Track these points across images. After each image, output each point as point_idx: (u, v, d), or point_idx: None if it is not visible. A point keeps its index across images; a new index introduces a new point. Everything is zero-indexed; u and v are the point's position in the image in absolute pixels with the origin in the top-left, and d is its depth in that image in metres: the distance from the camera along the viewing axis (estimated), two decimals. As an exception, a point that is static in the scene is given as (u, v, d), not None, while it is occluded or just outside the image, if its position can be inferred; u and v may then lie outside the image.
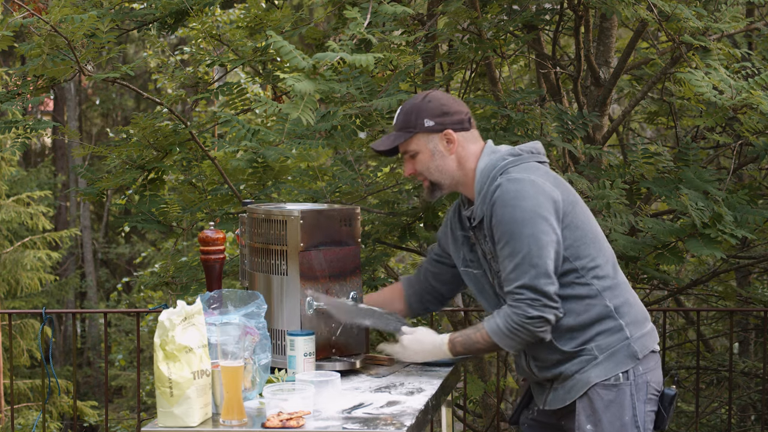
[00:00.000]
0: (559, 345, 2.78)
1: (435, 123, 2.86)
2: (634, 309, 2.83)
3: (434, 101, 2.88)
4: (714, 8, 4.64)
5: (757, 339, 7.78)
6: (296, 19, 5.38)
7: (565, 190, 2.82)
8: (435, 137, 2.87)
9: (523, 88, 6.00)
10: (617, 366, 2.77)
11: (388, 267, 6.77)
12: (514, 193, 2.73)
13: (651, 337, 2.85)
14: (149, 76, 14.68)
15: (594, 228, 2.83)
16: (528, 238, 2.69)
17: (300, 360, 2.91)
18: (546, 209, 2.71)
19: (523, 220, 2.70)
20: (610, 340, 2.77)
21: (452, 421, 3.51)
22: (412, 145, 2.90)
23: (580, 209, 2.82)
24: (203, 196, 5.39)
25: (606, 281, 2.79)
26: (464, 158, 2.88)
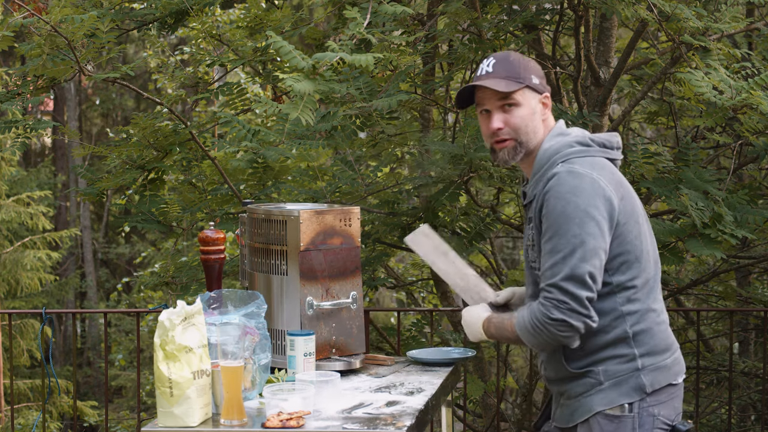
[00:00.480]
0: (565, 361, 2.64)
1: (539, 83, 2.70)
2: (654, 339, 2.62)
3: (534, 64, 2.72)
4: (714, 8, 4.64)
5: (757, 339, 7.78)
6: (296, 19, 5.38)
7: (627, 197, 2.62)
8: (537, 97, 2.70)
9: (523, 88, 5.99)
10: (621, 396, 2.59)
11: (388, 267, 6.77)
12: (570, 187, 2.55)
13: (668, 371, 2.63)
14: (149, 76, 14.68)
15: (643, 245, 2.63)
16: (573, 238, 2.52)
17: (300, 360, 2.91)
18: (600, 212, 2.54)
19: (573, 217, 2.53)
20: (619, 368, 2.60)
21: (452, 421, 3.51)
22: (518, 96, 2.68)
23: (634, 222, 2.62)
24: (203, 196, 5.39)
25: (635, 305, 2.60)
26: (546, 127, 2.72)
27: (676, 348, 2.69)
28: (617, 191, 2.59)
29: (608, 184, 2.58)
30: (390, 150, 5.74)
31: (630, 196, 2.64)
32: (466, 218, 5.31)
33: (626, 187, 2.65)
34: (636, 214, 2.63)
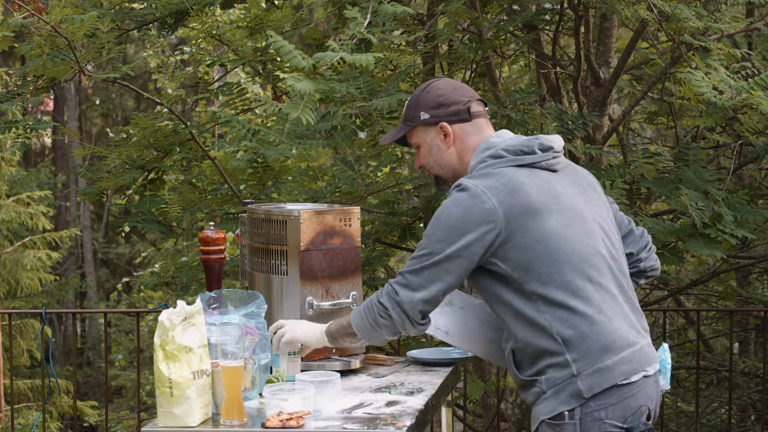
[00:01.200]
0: (516, 369, 2.65)
1: (430, 115, 2.73)
2: (588, 342, 2.52)
3: (432, 92, 2.74)
4: (714, 8, 4.64)
5: (757, 339, 7.78)
6: (296, 19, 5.38)
7: (523, 203, 2.55)
8: (432, 130, 2.74)
9: (523, 88, 6.00)
10: (560, 404, 2.54)
11: (388, 267, 6.77)
12: (451, 200, 2.59)
13: (610, 372, 2.52)
14: (149, 76, 14.68)
15: (557, 244, 2.54)
16: (436, 242, 2.56)
17: (284, 359, 2.91)
18: (473, 225, 2.53)
19: (443, 223, 2.57)
20: (556, 376, 2.55)
21: (452, 421, 3.51)
22: (414, 137, 2.79)
23: (539, 223, 2.54)
24: (203, 196, 5.39)
25: (557, 309, 2.53)
26: (463, 152, 2.74)
27: (623, 346, 2.55)
28: (506, 200, 2.54)
29: (494, 194, 2.54)
30: (390, 150, 5.74)
31: (536, 198, 2.56)
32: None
33: (531, 190, 2.57)
34: (545, 214, 2.55)
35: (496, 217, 2.54)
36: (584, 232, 2.61)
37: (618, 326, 2.56)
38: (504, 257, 2.56)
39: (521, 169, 2.62)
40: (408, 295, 2.60)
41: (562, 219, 2.58)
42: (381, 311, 2.63)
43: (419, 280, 2.59)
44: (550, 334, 2.54)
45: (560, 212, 2.59)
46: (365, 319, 2.68)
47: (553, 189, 2.62)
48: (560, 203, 2.60)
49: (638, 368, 2.56)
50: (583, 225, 2.61)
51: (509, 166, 2.62)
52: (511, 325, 2.61)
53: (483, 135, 2.73)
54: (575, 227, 2.59)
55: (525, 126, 4.75)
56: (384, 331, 2.66)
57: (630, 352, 2.56)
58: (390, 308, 2.62)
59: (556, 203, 2.60)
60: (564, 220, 2.58)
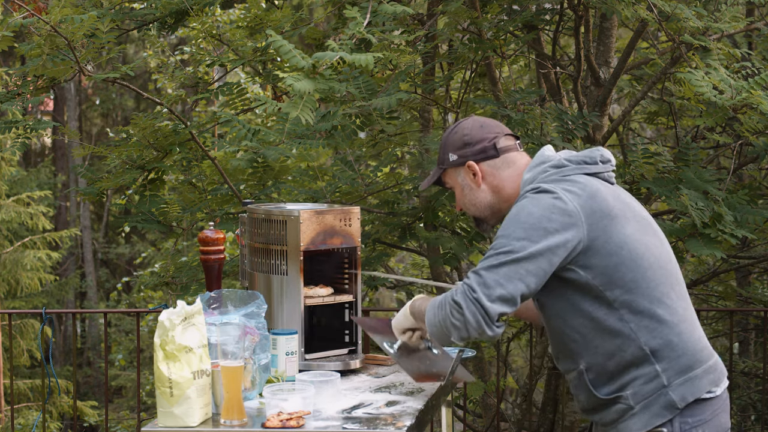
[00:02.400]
0: (593, 389, 2.53)
1: (458, 156, 2.70)
2: (677, 351, 2.48)
3: (458, 132, 2.71)
4: (714, 8, 4.64)
5: (757, 339, 7.78)
6: (296, 19, 5.38)
7: (603, 207, 2.49)
8: (461, 171, 2.71)
9: (523, 88, 6.00)
10: (654, 418, 2.45)
11: (388, 267, 6.77)
12: (528, 200, 2.50)
13: (701, 382, 2.48)
14: (149, 76, 14.68)
15: (639, 251, 2.49)
16: (515, 240, 2.44)
17: (282, 359, 2.91)
18: (555, 225, 2.44)
19: (523, 222, 2.46)
20: (646, 389, 2.46)
21: (452, 421, 3.50)
22: (447, 180, 2.76)
23: (620, 228, 2.49)
24: (203, 196, 5.39)
25: (643, 318, 2.46)
26: (499, 187, 2.67)
27: (708, 356, 2.54)
28: (587, 203, 2.49)
29: (574, 198, 2.48)
30: (390, 150, 5.74)
31: (609, 208, 2.51)
32: (466, 218, 5.31)
33: (606, 198, 2.53)
34: (622, 221, 2.51)
35: (578, 221, 2.46)
36: (658, 240, 2.57)
37: (700, 335, 2.56)
38: (585, 264, 2.47)
39: (589, 177, 2.58)
40: (485, 293, 2.42)
41: (639, 226, 2.54)
42: (454, 309, 2.44)
43: (497, 278, 2.42)
44: (637, 344, 2.46)
45: (635, 220, 2.54)
46: (437, 315, 2.51)
47: (622, 197, 2.59)
48: (633, 211, 2.56)
49: (721, 378, 2.54)
50: (655, 233, 2.58)
51: (577, 174, 2.57)
52: (590, 337, 2.50)
53: (517, 166, 2.68)
54: (650, 235, 2.55)
55: (525, 126, 4.75)
56: (453, 333, 2.47)
57: (714, 361, 2.55)
58: (464, 306, 2.42)
59: (630, 211, 2.55)
60: (640, 227, 2.54)
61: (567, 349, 2.57)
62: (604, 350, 2.49)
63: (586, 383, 2.54)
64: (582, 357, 2.53)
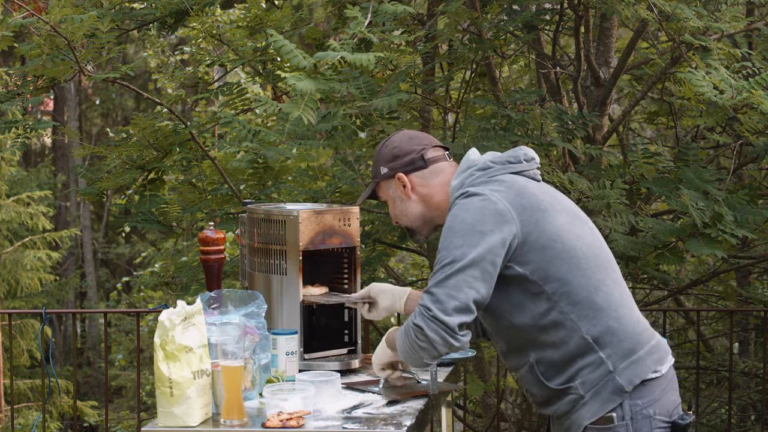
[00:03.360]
0: (545, 380, 2.56)
1: (388, 169, 2.76)
2: (618, 336, 2.52)
3: (389, 146, 2.78)
4: (714, 8, 4.64)
5: (757, 339, 7.78)
6: (296, 19, 5.38)
7: (532, 202, 2.55)
8: (392, 183, 2.77)
9: (523, 88, 6.01)
10: (604, 404, 2.49)
11: (388, 267, 6.77)
12: (459, 206, 2.56)
13: (645, 363, 2.53)
14: (149, 76, 14.68)
15: (572, 242, 2.54)
16: (455, 249, 2.48)
17: (282, 359, 2.91)
18: (489, 226, 2.49)
19: (458, 230, 2.51)
20: (593, 376, 2.51)
21: (452, 421, 3.50)
22: (381, 193, 2.82)
23: (551, 221, 2.54)
24: (203, 196, 5.39)
25: (582, 308, 2.51)
26: (428, 196, 2.74)
27: (649, 337, 2.57)
28: (516, 200, 2.53)
29: (502, 197, 2.53)
30: (390, 150, 5.72)
31: (538, 203, 2.55)
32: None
33: (534, 193, 2.57)
34: (554, 213, 2.55)
35: (510, 218, 2.51)
36: (589, 229, 2.63)
37: (639, 318, 2.59)
38: (522, 260, 2.51)
39: (515, 176, 2.63)
40: (440, 308, 2.46)
41: (568, 218, 2.59)
42: (417, 332, 2.49)
43: (447, 291, 2.47)
44: (579, 334, 2.51)
45: (564, 212, 2.59)
46: (405, 342, 2.56)
47: (550, 192, 2.65)
48: (561, 204, 2.62)
49: (665, 357, 2.58)
50: (585, 223, 2.63)
51: (503, 173, 2.63)
52: (534, 332, 2.54)
53: (445, 174, 2.74)
54: (579, 225, 2.60)
55: (525, 126, 4.75)
56: (423, 354, 2.52)
57: (656, 341, 2.58)
58: (425, 327, 2.47)
59: (559, 204, 2.61)
60: (570, 218, 2.59)
61: (516, 345, 2.61)
62: (550, 343, 2.53)
63: (537, 376, 2.58)
64: (531, 351, 2.57)
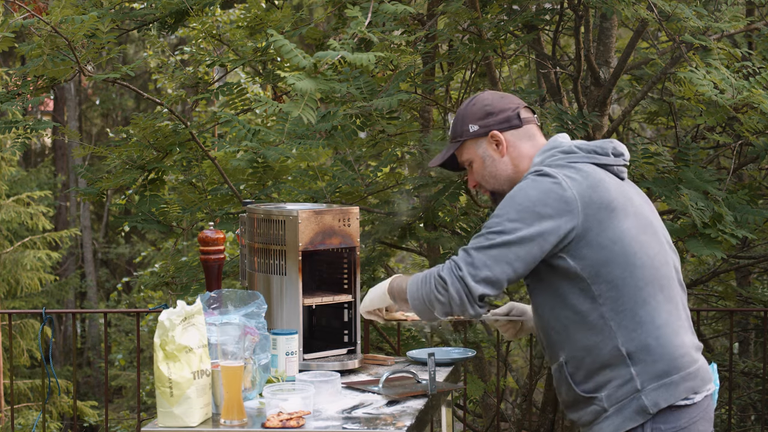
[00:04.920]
0: (572, 383, 2.50)
1: (479, 126, 2.61)
2: (653, 356, 2.41)
3: (478, 103, 2.64)
4: (714, 8, 4.64)
5: (757, 339, 7.78)
6: (296, 19, 5.38)
7: (604, 199, 2.44)
8: (483, 142, 2.62)
9: (523, 88, 6.01)
10: (625, 422, 2.41)
11: (388, 267, 6.78)
12: (527, 182, 2.46)
13: (677, 389, 2.41)
14: (149, 76, 14.68)
15: (633, 248, 2.43)
16: (508, 222, 2.41)
17: (282, 359, 2.91)
18: (549, 211, 2.40)
19: (519, 203, 2.42)
20: (620, 392, 2.42)
21: (452, 421, 3.50)
22: (464, 154, 2.67)
23: (617, 223, 2.43)
24: (203, 196, 5.39)
25: (624, 318, 2.42)
26: (518, 159, 2.61)
27: (689, 363, 2.45)
28: (587, 193, 2.44)
29: (574, 185, 2.44)
30: (390, 150, 5.74)
31: (610, 200, 2.45)
32: (466, 218, 5.31)
33: (609, 190, 2.47)
34: (621, 216, 2.45)
35: (575, 208, 2.42)
36: (656, 240, 2.52)
37: (683, 341, 2.47)
38: (576, 254, 2.43)
39: (597, 168, 2.53)
40: (471, 272, 2.40)
41: (638, 223, 2.48)
42: (439, 285, 2.43)
43: (484, 259, 2.40)
44: (614, 344, 2.42)
45: (635, 216, 2.49)
46: (421, 290, 2.49)
47: (627, 192, 2.53)
48: (635, 207, 2.51)
49: (701, 386, 2.47)
50: (654, 233, 2.53)
51: (585, 162, 2.52)
52: (572, 330, 2.47)
53: (536, 141, 2.63)
54: (648, 234, 2.50)
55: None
56: (437, 308, 2.46)
57: (695, 368, 2.47)
58: (449, 283, 2.41)
59: (632, 206, 2.50)
60: (639, 225, 2.48)
61: (550, 340, 2.55)
62: (583, 345, 2.46)
63: (566, 376, 2.51)
64: (563, 349, 2.51)
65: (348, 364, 3.09)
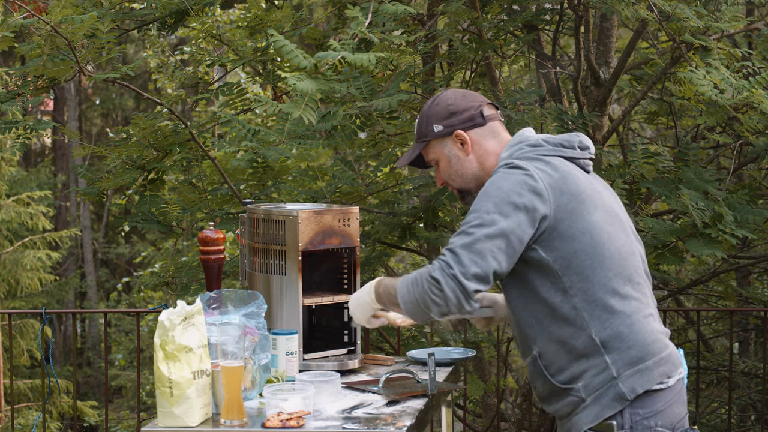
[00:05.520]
0: (548, 375, 2.51)
1: (444, 126, 2.65)
2: (626, 342, 2.45)
3: (441, 103, 2.67)
4: (714, 8, 4.64)
5: (757, 339, 7.78)
6: (296, 19, 5.38)
7: (573, 191, 2.49)
8: (448, 141, 2.66)
9: (523, 88, 6.01)
10: (604, 410, 2.43)
11: (388, 267, 6.77)
12: (499, 175, 2.49)
13: (651, 374, 2.46)
14: (149, 76, 14.68)
15: (602, 239, 2.47)
16: (486, 214, 2.43)
17: (282, 359, 2.91)
18: (524, 201, 2.43)
19: (493, 196, 2.45)
20: (596, 381, 2.45)
21: (452, 421, 3.51)
22: (430, 154, 2.70)
23: (586, 214, 2.47)
24: (203, 196, 5.39)
25: (596, 308, 2.45)
26: (483, 156, 2.65)
27: (660, 348, 2.50)
28: (557, 184, 2.48)
29: (545, 177, 2.47)
30: (390, 150, 5.74)
31: (580, 192, 2.50)
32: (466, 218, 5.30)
33: (579, 180, 2.52)
34: (591, 207, 2.50)
35: (546, 199, 2.45)
36: (623, 231, 2.56)
37: (654, 328, 2.52)
38: (548, 245, 2.46)
39: (565, 160, 2.57)
40: (462, 270, 2.40)
41: (605, 215, 2.52)
42: (433, 286, 2.42)
43: (470, 255, 2.41)
44: (588, 334, 2.45)
45: (603, 208, 2.53)
46: (412, 292, 2.48)
47: (594, 185, 2.58)
48: (602, 199, 2.55)
49: (674, 370, 2.51)
50: (621, 224, 2.57)
51: (552, 155, 2.56)
52: (545, 324, 2.49)
53: (500, 138, 2.67)
54: (615, 225, 2.54)
55: (525, 126, 4.74)
56: (433, 309, 2.45)
57: (667, 353, 2.51)
58: (443, 283, 2.41)
59: (599, 198, 2.54)
60: (607, 216, 2.53)
61: (524, 334, 2.56)
62: (557, 337, 2.48)
63: (541, 369, 2.53)
64: (536, 343, 2.52)
65: (348, 364, 3.09)
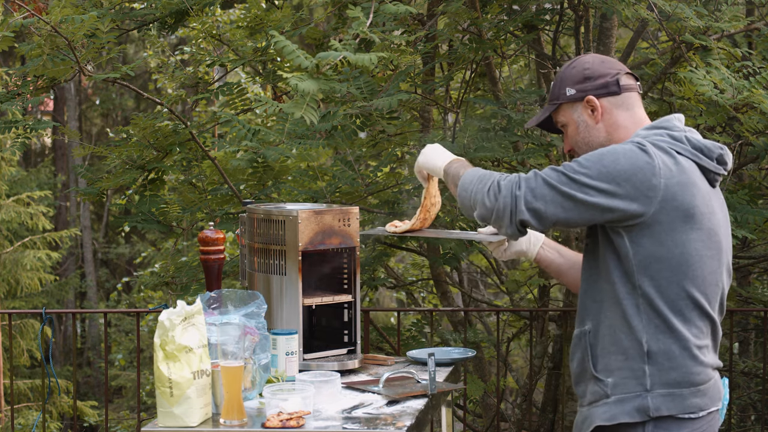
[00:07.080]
0: (590, 354, 2.46)
1: (576, 90, 2.54)
2: (672, 363, 2.37)
3: (578, 66, 2.57)
4: (714, 8, 4.64)
5: (757, 339, 7.78)
6: (296, 19, 5.38)
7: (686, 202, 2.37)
8: (579, 106, 2.55)
9: (523, 88, 6.00)
10: (621, 415, 2.38)
11: (388, 267, 6.77)
12: (628, 149, 2.37)
13: (684, 402, 2.37)
14: (149, 76, 14.68)
15: (691, 260, 2.38)
16: (587, 177, 2.34)
17: (282, 359, 2.91)
18: (629, 190, 2.34)
19: (606, 165, 2.35)
20: (628, 384, 2.39)
21: (452, 421, 3.50)
22: (560, 117, 2.60)
23: (687, 229, 2.37)
24: (203, 196, 5.39)
25: (656, 317, 2.37)
26: (614, 126, 2.53)
27: (703, 380, 2.41)
28: (674, 189, 2.36)
29: (667, 176, 2.36)
30: (390, 150, 5.74)
31: (697, 204, 2.39)
32: (466, 218, 5.30)
33: (698, 194, 2.40)
34: (695, 225, 2.39)
35: (654, 196, 2.35)
36: (717, 261, 2.46)
37: (704, 360, 2.43)
38: (635, 239, 2.38)
39: (696, 167, 2.44)
40: (528, 197, 2.37)
41: (707, 238, 2.42)
42: (493, 189, 2.41)
43: (545, 193, 2.37)
44: (639, 337, 2.39)
45: (708, 231, 2.42)
46: (474, 184, 2.47)
47: (711, 204, 2.46)
48: (712, 222, 2.44)
49: (709, 404, 2.43)
50: (718, 254, 2.47)
51: (687, 157, 2.43)
52: (606, 305, 2.44)
53: (634, 112, 2.55)
54: (712, 252, 2.44)
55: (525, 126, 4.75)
56: (479, 208, 2.44)
57: (706, 386, 2.43)
58: (503, 195, 2.39)
59: (709, 221, 2.43)
60: (708, 240, 2.42)
61: (584, 305, 2.51)
62: (611, 324, 2.42)
63: (585, 346, 2.48)
64: (591, 319, 2.47)
65: (348, 364, 3.09)
